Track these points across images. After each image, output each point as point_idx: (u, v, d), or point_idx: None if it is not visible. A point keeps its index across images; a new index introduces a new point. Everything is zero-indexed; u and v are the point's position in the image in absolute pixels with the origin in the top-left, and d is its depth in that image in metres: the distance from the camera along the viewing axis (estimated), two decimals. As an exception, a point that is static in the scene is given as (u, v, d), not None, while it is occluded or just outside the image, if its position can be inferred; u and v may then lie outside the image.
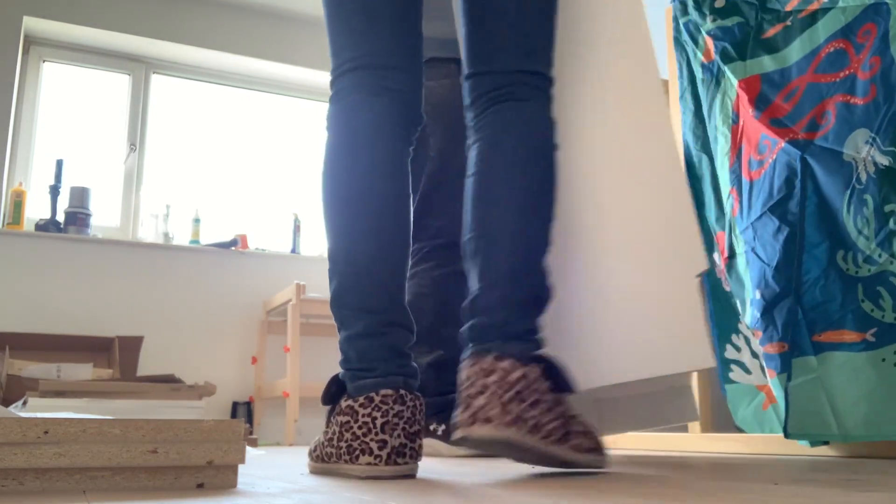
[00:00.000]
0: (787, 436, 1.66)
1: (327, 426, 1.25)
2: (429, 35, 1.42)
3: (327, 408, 1.28)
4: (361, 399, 1.14)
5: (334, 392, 1.25)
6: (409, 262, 1.30)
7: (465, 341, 1.18)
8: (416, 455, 1.15)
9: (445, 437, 1.83)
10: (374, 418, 1.12)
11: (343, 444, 1.15)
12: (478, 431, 1.09)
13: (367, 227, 1.23)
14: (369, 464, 1.12)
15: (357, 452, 1.12)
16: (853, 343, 1.58)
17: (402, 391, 1.14)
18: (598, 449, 1.19)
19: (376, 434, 1.11)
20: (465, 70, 1.33)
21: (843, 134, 1.66)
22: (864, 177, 1.59)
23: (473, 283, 1.21)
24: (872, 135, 1.59)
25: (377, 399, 1.13)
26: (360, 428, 1.13)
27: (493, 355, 1.12)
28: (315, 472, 1.29)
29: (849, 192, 1.62)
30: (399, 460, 1.12)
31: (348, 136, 1.32)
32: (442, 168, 2.03)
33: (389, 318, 1.19)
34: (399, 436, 1.12)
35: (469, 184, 1.25)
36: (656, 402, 1.86)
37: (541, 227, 1.22)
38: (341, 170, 1.33)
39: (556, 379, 1.14)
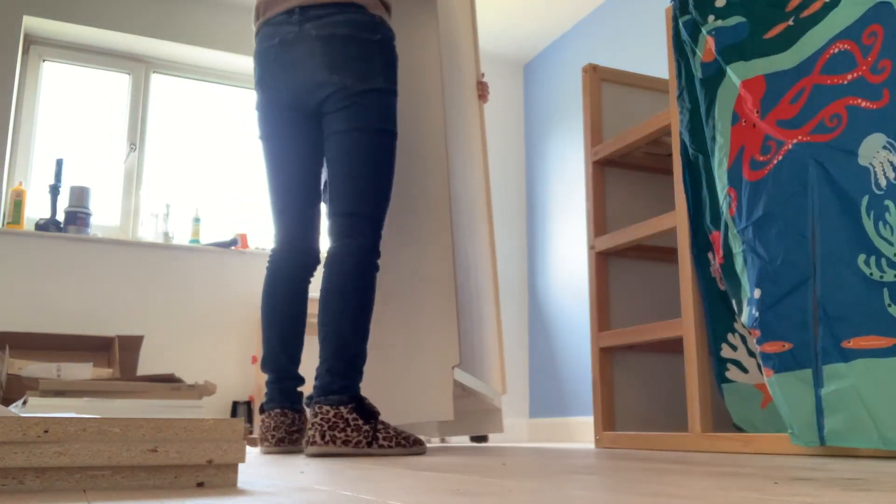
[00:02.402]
0: (823, 443, 1.65)
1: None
2: None
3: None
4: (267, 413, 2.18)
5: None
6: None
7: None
8: (295, 443, 2.11)
9: None
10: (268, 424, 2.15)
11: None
12: (309, 450, 1.86)
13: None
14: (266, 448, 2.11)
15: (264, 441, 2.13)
16: (885, 349, 1.57)
17: (286, 409, 2.13)
18: (404, 444, 1.89)
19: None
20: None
21: (857, 138, 1.66)
22: (883, 182, 1.59)
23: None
24: (889, 140, 1.59)
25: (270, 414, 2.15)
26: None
27: (318, 405, 1.88)
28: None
29: (868, 196, 1.61)
30: (281, 445, 2.09)
31: None
32: None
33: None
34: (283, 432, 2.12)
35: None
36: (476, 418, 2.83)
37: (350, 325, 1.94)
38: None
39: (361, 411, 1.87)
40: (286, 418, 2.08)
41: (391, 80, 2.04)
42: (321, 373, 1.92)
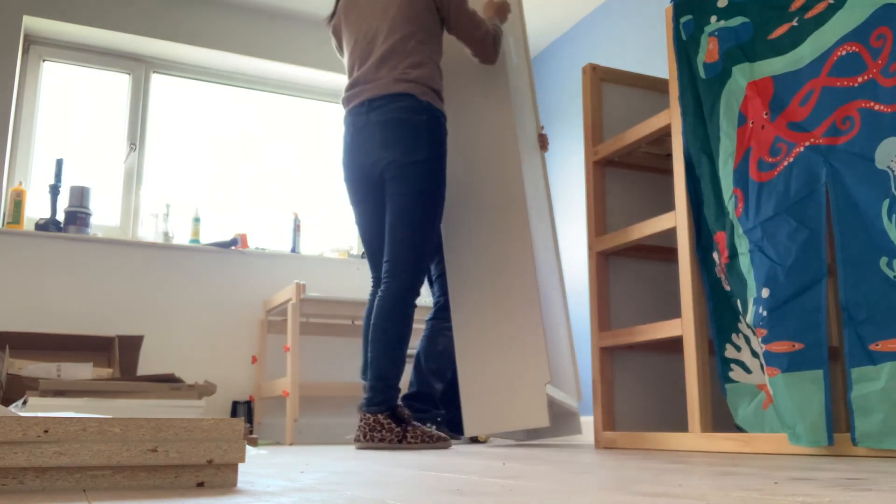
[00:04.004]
0: (855, 444, 1.65)
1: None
2: None
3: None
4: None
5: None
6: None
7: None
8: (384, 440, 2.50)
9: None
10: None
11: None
12: (356, 445, 2.43)
13: None
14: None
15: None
16: None
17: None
18: (430, 441, 2.43)
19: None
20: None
21: (872, 141, 1.66)
22: None
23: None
24: None
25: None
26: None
27: (363, 412, 2.44)
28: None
29: (888, 200, 1.61)
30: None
31: None
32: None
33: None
34: None
35: None
36: (557, 421, 2.99)
37: (388, 354, 2.44)
38: None
39: (394, 417, 2.42)
40: (373, 420, 2.49)
41: (436, 151, 2.52)
42: (367, 388, 2.46)
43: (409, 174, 2.48)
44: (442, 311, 2.94)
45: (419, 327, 3.14)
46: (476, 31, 2.67)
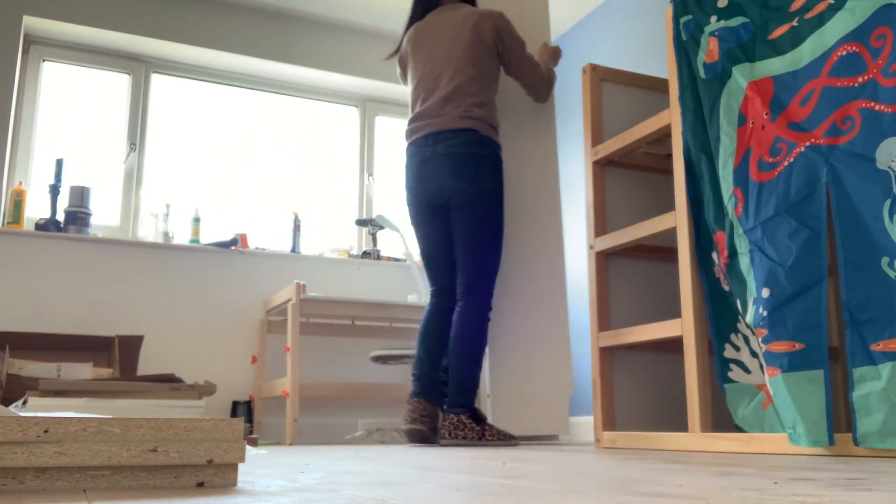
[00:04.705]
0: (856, 444, 1.65)
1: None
2: None
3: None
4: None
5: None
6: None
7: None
8: (425, 424, 2.75)
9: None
10: None
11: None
12: (442, 441, 2.70)
13: None
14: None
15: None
16: None
17: (422, 399, 2.79)
18: (503, 439, 2.69)
19: None
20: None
21: (873, 141, 1.66)
22: None
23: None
24: None
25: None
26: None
27: (447, 413, 2.71)
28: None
29: (889, 200, 1.61)
30: (415, 424, 2.76)
31: None
32: None
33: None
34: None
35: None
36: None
37: (468, 363, 2.70)
38: None
39: (475, 418, 2.68)
40: (420, 405, 2.74)
41: (497, 181, 2.81)
42: (450, 392, 2.74)
43: (476, 203, 2.77)
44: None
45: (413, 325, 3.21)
46: (533, 75, 2.98)
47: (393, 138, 4.95)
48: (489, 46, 2.87)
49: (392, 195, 4.85)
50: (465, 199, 2.77)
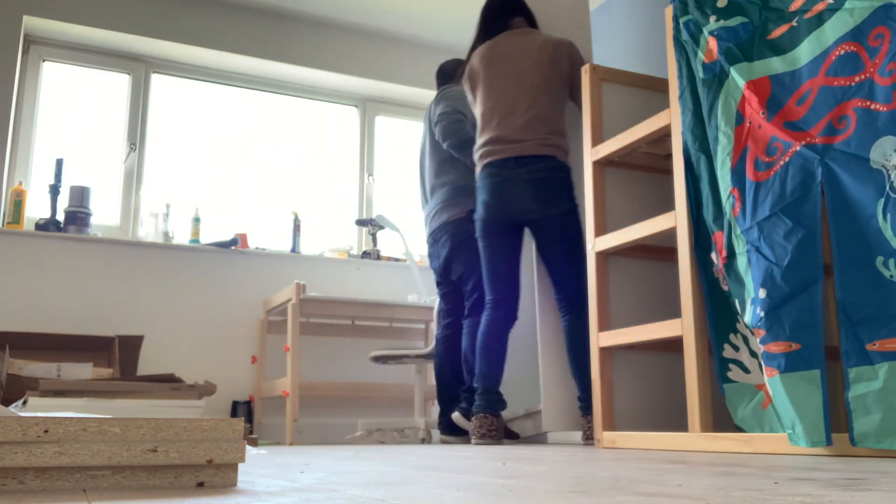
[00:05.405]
0: (853, 444, 1.65)
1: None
2: None
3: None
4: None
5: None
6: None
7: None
8: (494, 438, 2.93)
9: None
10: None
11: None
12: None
13: None
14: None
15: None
16: None
17: (489, 414, 2.97)
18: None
19: None
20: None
21: (867, 140, 1.66)
22: None
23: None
24: None
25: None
26: None
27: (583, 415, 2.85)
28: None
29: (883, 199, 1.61)
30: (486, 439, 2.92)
31: None
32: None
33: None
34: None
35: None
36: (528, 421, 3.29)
37: (587, 366, 2.72)
38: None
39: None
40: (488, 420, 2.90)
41: (573, 201, 3.01)
42: (581, 397, 2.82)
43: (564, 224, 2.95)
44: (475, 308, 3.26)
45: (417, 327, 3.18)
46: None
47: (393, 138, 4.96)
48: (563, 77, 3.07)
49: (392, 195, 4.85)
50: (553, 221, 2.96)
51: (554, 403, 2.98)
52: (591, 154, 2.73)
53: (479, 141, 3.11)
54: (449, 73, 3.64)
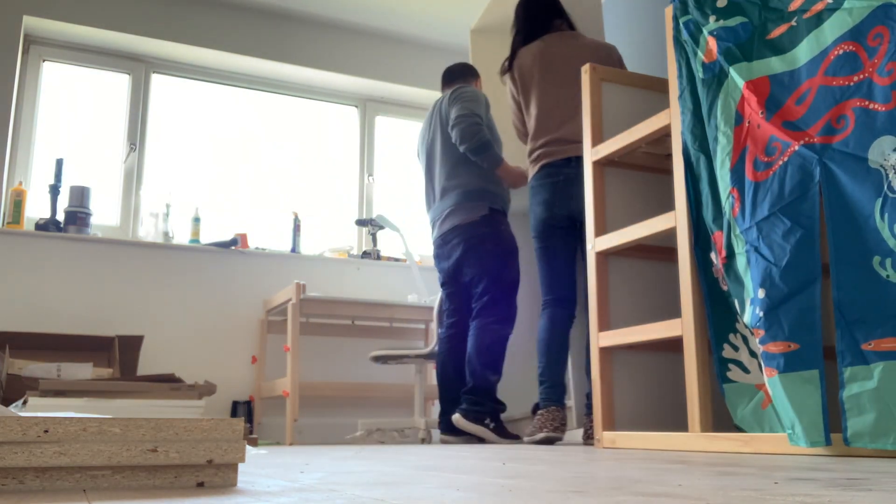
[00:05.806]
0: (846, 444, 1.65)
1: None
2: None
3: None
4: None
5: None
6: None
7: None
8: (559, 431, 2.92)
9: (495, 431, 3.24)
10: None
11: None
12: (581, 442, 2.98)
13: None
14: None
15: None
16: None
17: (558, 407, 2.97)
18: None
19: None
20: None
21: (866, 140, 1.66)
22: None
23: None
24: None
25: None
26: None
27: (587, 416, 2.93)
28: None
29: (881, 199, 1.61)
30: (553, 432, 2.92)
31: None
32: None
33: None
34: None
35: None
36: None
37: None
38: None
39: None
40: (559, 414, 2.91)
41: None
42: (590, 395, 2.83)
43: None
44: (484, 310, 3.28)
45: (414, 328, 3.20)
46: None
47: (393, 138, 4.96)
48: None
49: (392, 195, 4.85)
50: None
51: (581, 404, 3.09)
52: (591, 154, 2.72)
53: (537, 142, 3.10)
54: (458, 74, 3.64)
